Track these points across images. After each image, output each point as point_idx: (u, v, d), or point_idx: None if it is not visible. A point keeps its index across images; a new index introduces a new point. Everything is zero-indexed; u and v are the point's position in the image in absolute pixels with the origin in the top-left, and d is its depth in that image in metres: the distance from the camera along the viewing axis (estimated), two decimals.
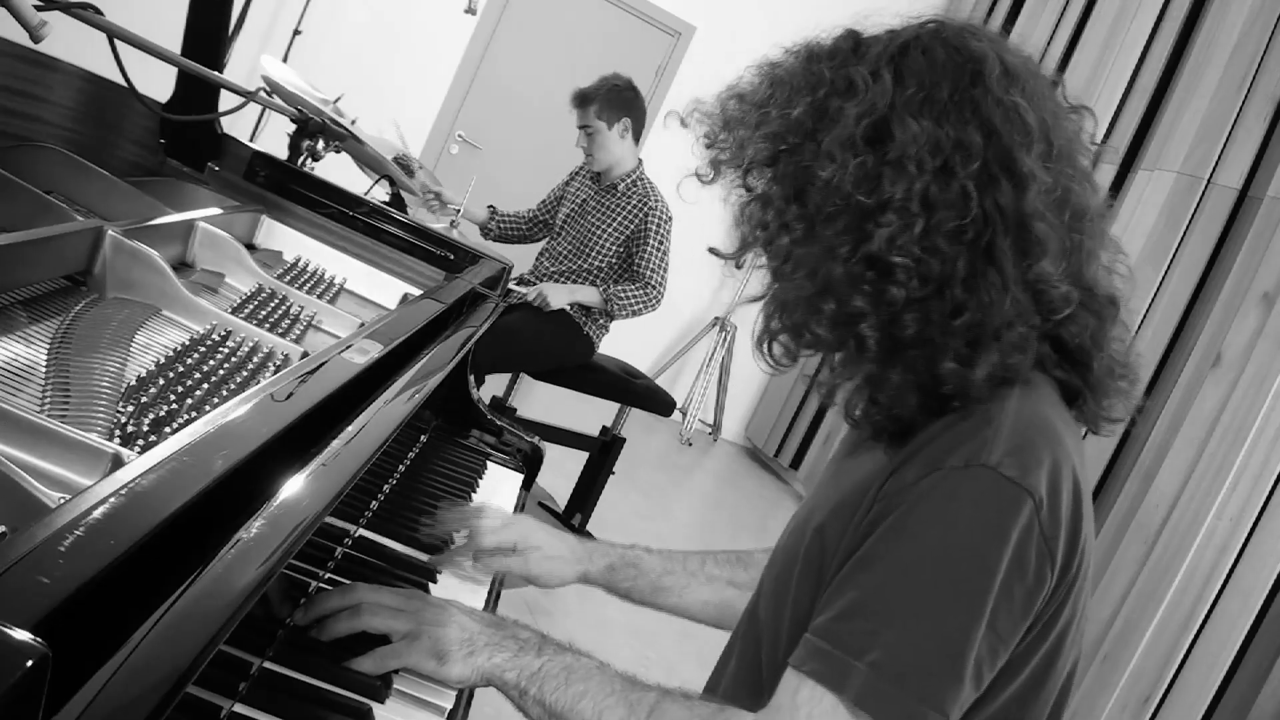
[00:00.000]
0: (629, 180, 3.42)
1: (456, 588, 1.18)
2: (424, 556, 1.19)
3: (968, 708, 0.78)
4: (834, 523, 0.88)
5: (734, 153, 0.90)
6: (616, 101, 3.35)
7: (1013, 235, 0.81)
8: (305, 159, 1.88)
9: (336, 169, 2.06)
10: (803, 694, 0.77)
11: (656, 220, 3.37)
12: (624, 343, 4.80)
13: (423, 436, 1.47)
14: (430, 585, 1.13)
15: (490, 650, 0.89)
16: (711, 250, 3.25)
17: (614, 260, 3.43)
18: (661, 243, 3.38)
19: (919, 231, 0.80)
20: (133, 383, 0.92)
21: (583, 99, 3.39)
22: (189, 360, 1.01)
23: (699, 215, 3.68)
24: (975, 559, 0.75)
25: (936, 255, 0.80)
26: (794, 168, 0.85)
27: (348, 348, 1.03)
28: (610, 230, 3.41)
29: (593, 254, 3.42)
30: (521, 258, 3.05)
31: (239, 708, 0.76)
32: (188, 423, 0.85)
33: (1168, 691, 2.97)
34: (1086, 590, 0.85)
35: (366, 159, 2.34)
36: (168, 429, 0.85)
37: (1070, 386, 0.90)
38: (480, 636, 0.90)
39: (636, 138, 3.43)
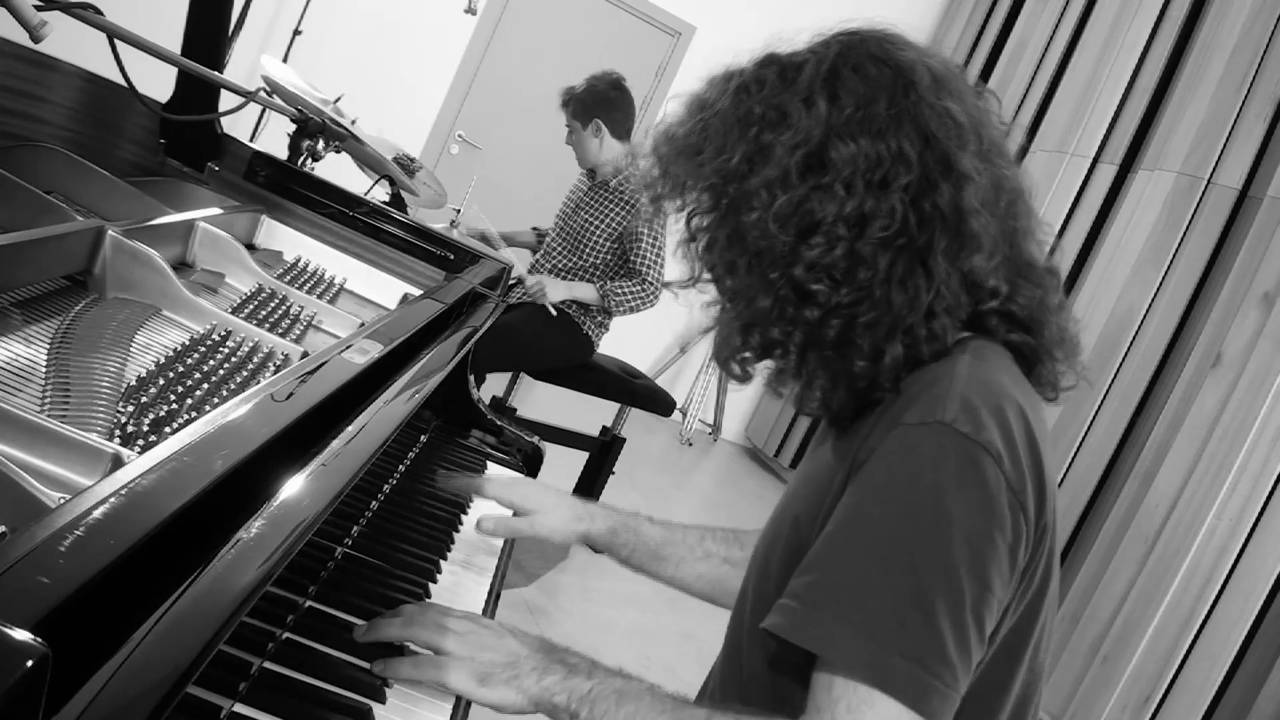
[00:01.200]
0: (620, 177, 3.43)
1: (458, 580, 1.18)
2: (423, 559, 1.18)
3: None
4: (806, 508, 0.90)
5: (673, 195, 0.93)
6: (589, 102, 3.38)
7: (950, 234, 0.85)
8: (305, 159, 1.88)
9: (336, 169, 2.06)
10: (836, 689, 0.75)
11: (648, 215, 3.37)
12: (624, 343, 4.81)
13: (423, 436, 1.48)
14: (430, 585, 1.13)
15: (538, 674, 0.87)
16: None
17: (609, 257, 3.43)
18: (656, 238, 3.38)
19: (844, 249, 0.84)
20: (133, 383, 0.92)
21: (563, 100, 3.45)
22: (189, 360, 1.01)
23: None
24: (938, 512, 0.76)
25: (865, 265, 0.84)
26: (731, 212, 0.88)
27: (348, 348, 1.03)
28: (602, 227, 3.41)
29: (586, 251, 3.43)
30: (521, 257, 3.05)
31: (239, 708, 0.76)
32: (188, 423, 0.85)
33: (1168, 691, 2.97)
34: (1057, 542, 0.87)
35: (366, 159, 2.34)
36: (168, 429, 0.85)
37: (1025, 350, 0.93)
38: (527, 661, 0.89)
39: (619, 135, 3.43)
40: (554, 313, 3.31)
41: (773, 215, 0.85)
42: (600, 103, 3.38)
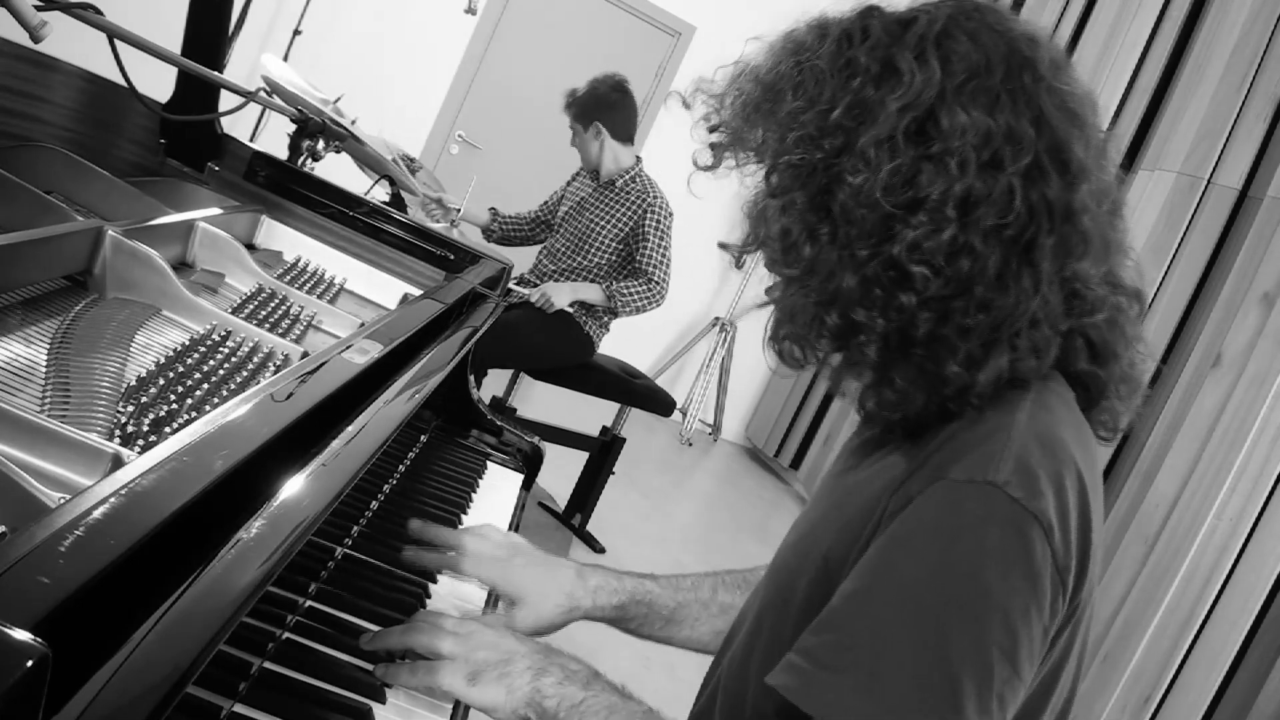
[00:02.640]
0: (627, 177, 3.43)
1: (458, 581, 1.18)
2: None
3: None
4: (840, 547, 0.80)
5: (750, 145, 0.83)
6: (589, 106, 3.40)
7: (1058, 232, 0.76)
8: (305, 159, 1.88)
9: (336, 169, 2.06)
10: None
11: (656, 216, 3.38)
12: (624, 343, 4.80)
13: (423, 436, 1.47)
14: (430, 585, 1.13)
15: (532, 673, 0.84)
16: (721, 245, 3.22)
17: (614, 257, 3.43)
18: (662, 238, 3.39)
19: (950, 234, 0.75)
20: (133, 383, 0.92)
21: (566, 102, 3.47)
22: (189, 360, 1.01)
23: (700, 214, 3.68)
24: (977, 583, 0.68)
25: (968, 254, 0.75)
26: (825, 172, 0.78)
27: (348, 348, 1.03)
28: (608, 227, 3.41)
29: (591, 251, 3.43)
30: (521, 257, 3.05)
31: (239, 708, 0.76)
32: (188, 423, 0.85)
33: (1168, 691, 2.97)
34: (1093, 603, 0.79)
35: (366, 159, 2.34)
36: (168, 429, 0.85)
37: (1089, 383, 0.84)
38: (522, 660, 0.86)
39: (621, 138, 3.44)
40: (570, 309, 3.34)
41: (879, 181, 0.75)
42: (600, 106, 3.39)
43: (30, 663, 0.39)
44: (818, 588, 0.80)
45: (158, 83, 1.62)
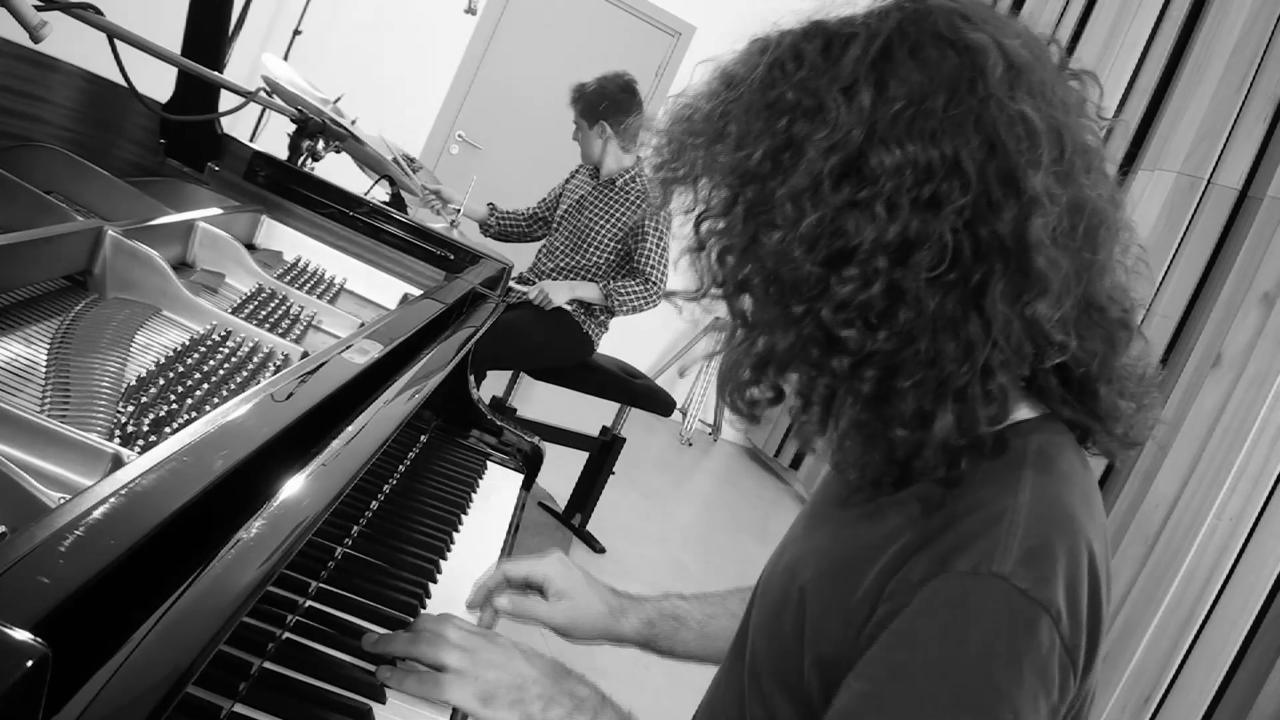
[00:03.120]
0: (627, 176, 3.44)
1: (458, 582, 1.18)
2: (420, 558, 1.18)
3: None
4: (819, 593, 0.79)
5: (684, 184, 0.78)
6: (595, 104, 3.40)
7: (1011, 271, 0.69)
8: (305, 159, 1.88)
9: (336, 169, 2.06)
10: None
11: (655, 216, 3.38)
12: (624, 343, 4.80)
13: (423, 436, 1.47)
14: (430, 585, 1.13)
15: (543, 703, 0.84)
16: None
17: (612, 257, 3.44)
18: (661, 238, 3.39)
19: (881, 287, 0.69)
20: (133, 383, 0.92)
21: (572, 98, 3.47)
22: (189, 360, 1.01)
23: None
24: (986, 679, 0.66)
25: (908, 305, 0.69)
26: (749, 222, 0.73)
27: (348, 348, 1.03)
28: (608, 226, 3.41)
29: (590, 249, 3.43)
30: (521, 257, 3.05)
31: (239, 708, 0.76)
32: (188, 423, 0.85)
33: (1168, 691, 2.97)
34: (1100, 664, 0.76)
35: (366, 159, 2.34)
36: (168, 429, 0.85)
37: (1080, 424, 0.80)
38: (534, 686, 0.85)
39: (624, 137, 3.44)
40: (569, 308, 3.34)
41: (798, 236, 0.70)
42: (608, 105, 3.39)
43: (30, 663, 0.39)
44: (795, 621, 0.80)
45: (158, 83, 1.62)
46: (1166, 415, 3.30)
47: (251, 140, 1.93)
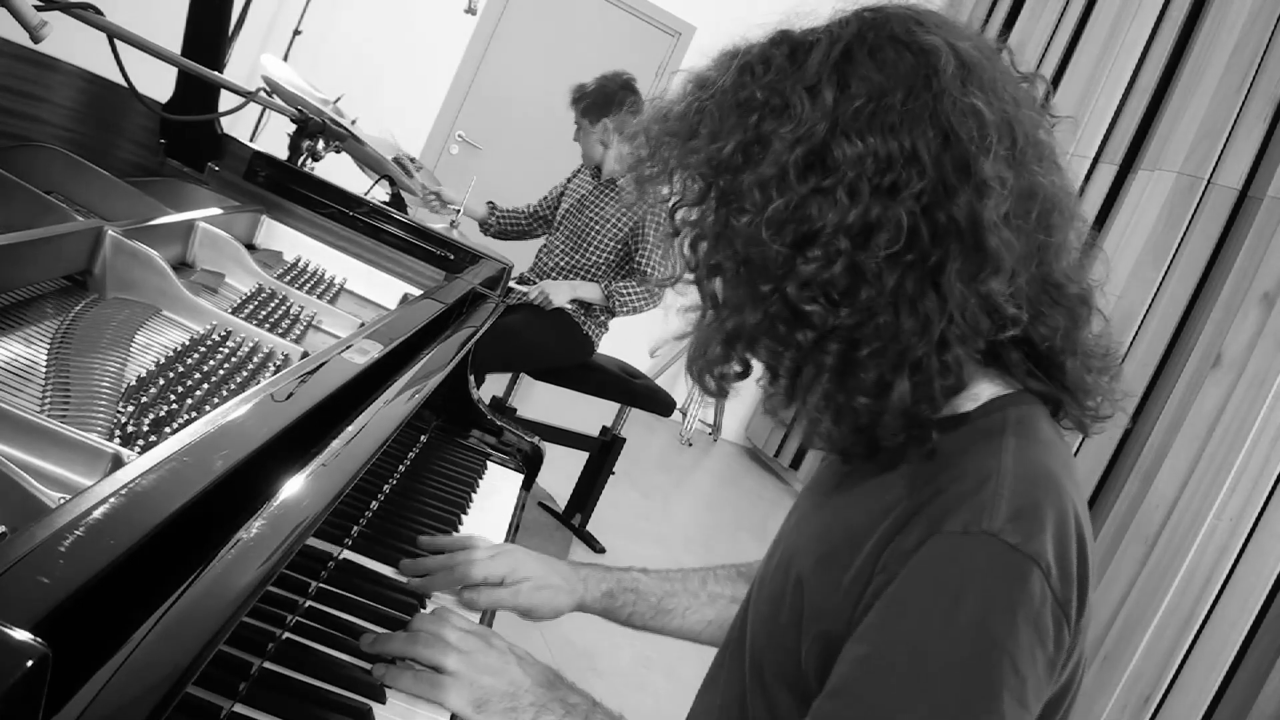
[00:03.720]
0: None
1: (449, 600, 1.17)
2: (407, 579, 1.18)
3: None
4: (816, 577, 0.82)
5: (659, 180, 0.84)
6: (600, 102, 3.39)
7: (966, 251, 0.75)
8: (305, 159, 1.88)
9: (336, 169, 2.07)
10: None
11: (656, 217, 3.38)
12: (624, 343, 4.80)
13: (423, 436, 1.48)
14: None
15: (535, 710, 0.86)
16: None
17: (613, 257, 3.43)
18: (662, 240, 3.39)
19: (843, 266, 0.74)
20: (133, 383, 0.92)
21: (574, 97, 3.46)
22: (189, 360, 1.01)
23: None
24: (984, 634, 0.69)
25: (868, 283, 0.75)
26: (721, 209, 0.79)
27: (348, 348, 1.03)
28: (609, 226, 3.41)
29: (591, 250, 3.43)
30: (522, 256, 3.05)
31: (239, 708, 0.76)
32: (188, 423, 0.85)
33: (1168, 691, 2.97)
34: (1089, 624, 0.80)
35: (366, 159, 2.34)
36: (168, 429, 0.85)
37: (1050, 397, 0.85)
38: (526, 695, 0.87)
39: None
40: (568, 308, 3.33)
41: (765, 220, 0.75)
42: (611, 104, 3.39)
43: (30, 663, 0.39)
44: (794, 611, 0.83)
45: (158, 83, 1.62)
46: (1167, 415, 3.30)
47: (251, 140, 1.93)
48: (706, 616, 1.16)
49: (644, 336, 5.62)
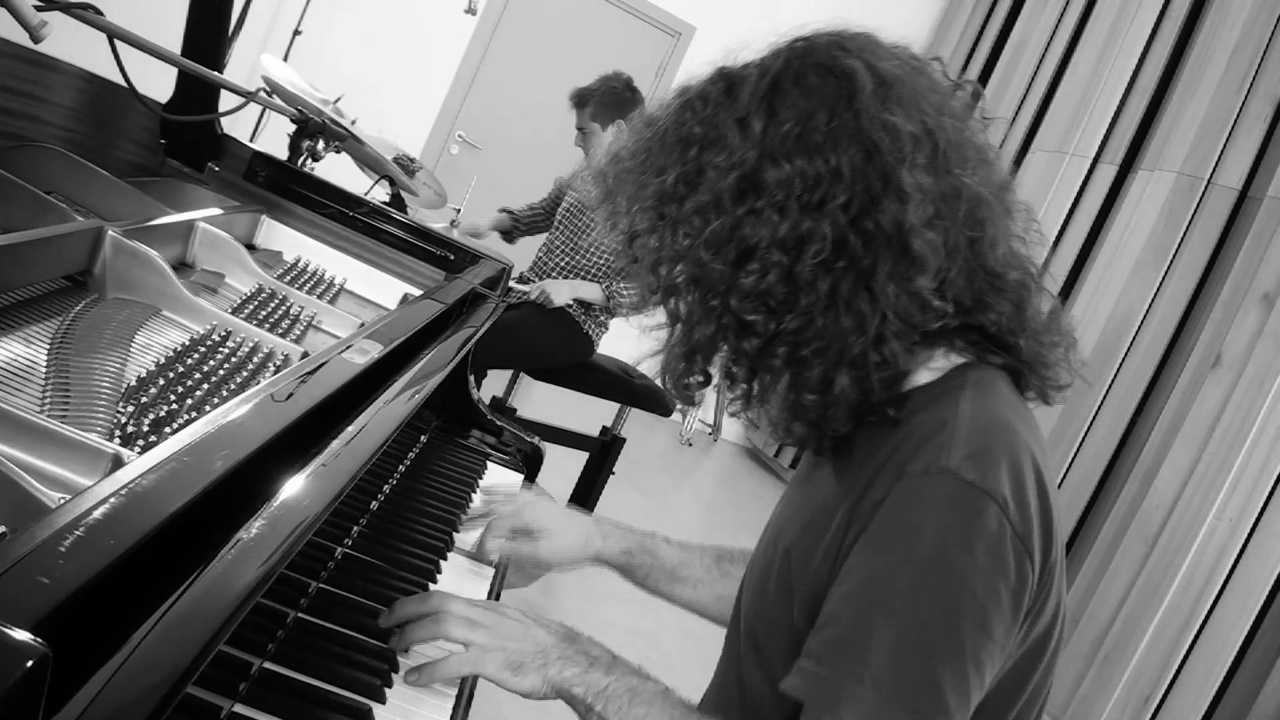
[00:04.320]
0: None
1: (458, 581, 1.18)
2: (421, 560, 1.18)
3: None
4: (800, 545, 0.89)
5: (619, 215, 0.92)
6: (611, 103, 3.37)
7: (895, 254, 0.81)
8: (305, 159, 1.88)
9: (336, 169, 2.06)
10: None
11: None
12: (624, 343, 4.80)
13: (423, 436, 1.48)
14: (430, 585, 1.13)
15: (562, 663, 0.90)
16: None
17: (613, 259, 3.43)
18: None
19: (778, 276, 0.82)
20: (133, 383, 0.92)
21: (579, 99, 3.43)
22: (189, 360, 1.01)
23: None
24: (943, 564, 0.75)
25: (804, 290, 0.82)
26: (669, 236, 0.86)
27: (348, 348, 1.03)
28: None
29: (591, 251, 3.43)
30: (522, 256, 3.05)
31: (239, 708, 0.76)
32: (188, 423, 0.85)
33: (1168, 691, 2.97)
34: (1064, 576, 0.87)
35: (366, 159, 2.34)
36: (168, 429, 0.85)
37: (1010, 368, 0.91)
38: (554, 650, 0.91)
39: None
40: (569, 308, 3.33)
41: (703, 241, 0.83)
42: (619, 103, 3.37)
43: (30, 663, 0.39)
44: (783, 582, 0.89)
45: (158, 83, 1.62)
46: (1167, 415, 3.30)
47: (251, 140, 1.93)
48: (717, 591, 1.22)
49: (645, 337, 5.62)
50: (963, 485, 0.77)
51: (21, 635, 0.40)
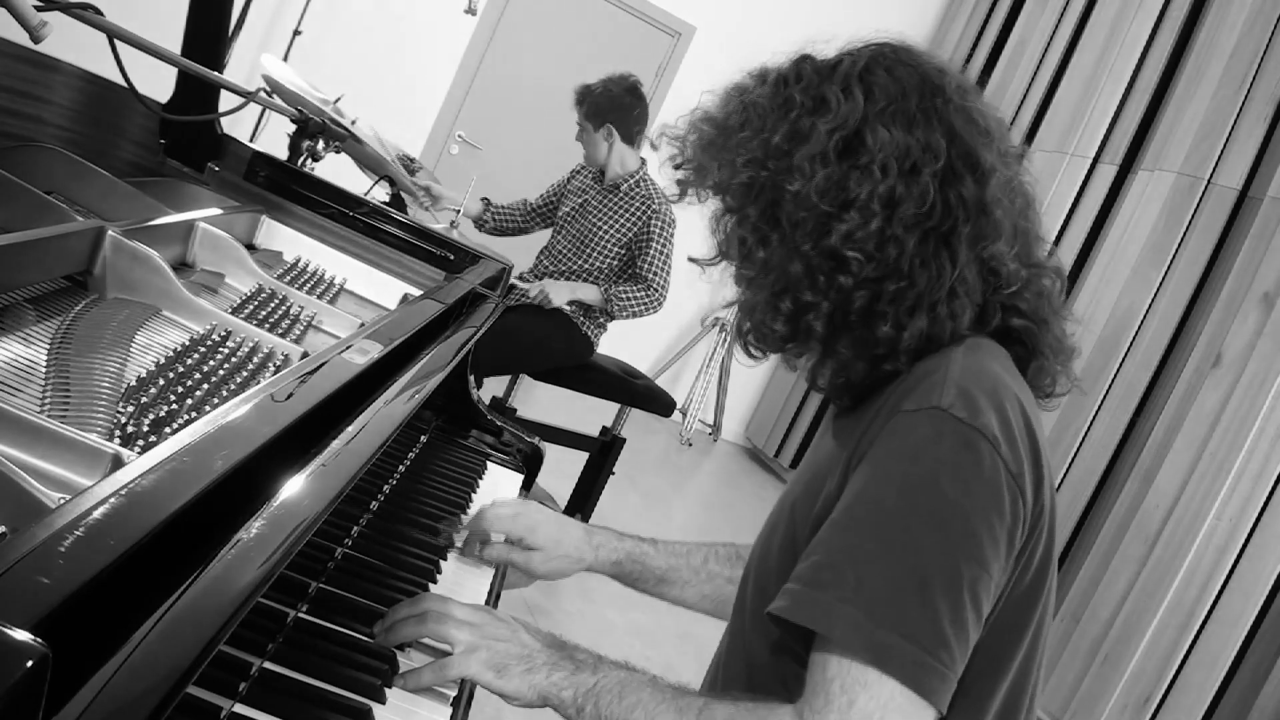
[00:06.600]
0: (632, 181, 3.42)
1: (458, 580, 1.18)
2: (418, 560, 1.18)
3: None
4: (804, 499, 0.94)
5: (709, 174, 0.98)
6: (603, 106, 3.37)
7: (973, 222, 0.91)
8: (305, 159, 1.88)
9: (336, 169, 2.06)
10: (832, 668, 0.77)
11: (660, 223, 3.37)
12: (624, 343, 4.80)
13: (423, 437, 1.48)
14: (430, 585, 1.13)
15: (549, 669, 0.91)
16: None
17: (615, 262, 3.43)
18: (665, 245, 3.38)
19: (877, 225, 0.89)
20: (133, 383, 0.92)
21: (578, 97, 3.44)
22: (189, 360, 1.01)
23: (700, 214, 3.68)
24: (937, 493, 0.78)
25: (894, 243, 0.90)
26: (769, 187, 0.93)
27: (348, 348, 1.03)
28: (612, 231, 3.40)
29: (593, 254, 3.42)
30: (522, 256, 3.05)
31: (239, 708, 0.76)
32: (188, 423, 0.85)
33: (1168, 691, 2.97)
34: (1054, 529, 0.89)
35: (366, 159, 2.34)
36: (168, 429, 0.85)
37: (1025, 338, 0.97)
38: (540, 655, 0.92)
39: (629, 141, 3.43)
40: (567, 309, 3.33)
41: (814, 187, 0.90)
42: (614, 107, 3.37)
43: (30, 663, 0.39)
44: (787, 535, 0.95)
45: (158, 83, 1.62)
46: (1167, 415, 3.30)
47: (251, 140, 1.93)
48: (703, 591, 1.26)
49: (645, 337, 5.62)
50: (955, 421, 0.81)
51: (21, 635, 0.40)
